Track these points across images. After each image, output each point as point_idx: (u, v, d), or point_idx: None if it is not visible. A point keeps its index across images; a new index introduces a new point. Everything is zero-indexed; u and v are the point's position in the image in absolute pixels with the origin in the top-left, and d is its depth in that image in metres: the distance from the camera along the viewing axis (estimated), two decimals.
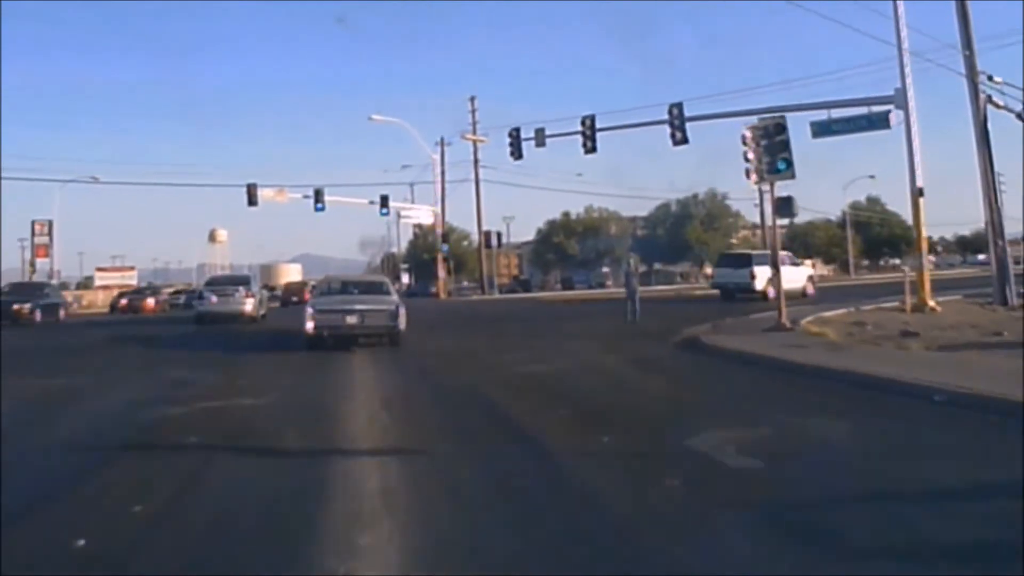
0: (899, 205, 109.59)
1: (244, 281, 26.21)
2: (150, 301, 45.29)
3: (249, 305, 24.15)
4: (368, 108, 50.69)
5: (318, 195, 44.84)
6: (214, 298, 24.28)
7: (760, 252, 29.53)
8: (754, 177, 16.55)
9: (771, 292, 22.99)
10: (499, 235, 50.99)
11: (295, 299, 38.89)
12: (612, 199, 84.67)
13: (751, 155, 16.45)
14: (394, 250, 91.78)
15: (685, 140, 24.88)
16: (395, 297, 16.29)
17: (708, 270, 74.22)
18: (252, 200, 42.65)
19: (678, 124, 24.88)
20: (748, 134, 16.55)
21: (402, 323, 15.14)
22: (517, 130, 29.52)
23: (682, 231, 66.89)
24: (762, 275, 26.65)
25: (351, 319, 14.93)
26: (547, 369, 10.78)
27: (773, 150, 16.20)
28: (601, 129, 27.17)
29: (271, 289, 45.98)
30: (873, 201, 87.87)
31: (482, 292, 53.05)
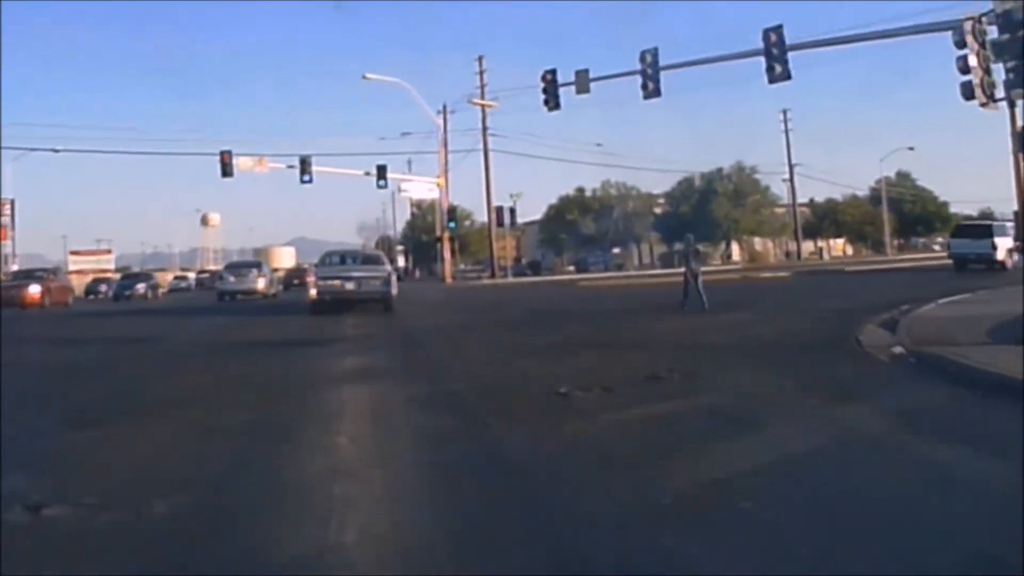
0: (930, 180, 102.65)
1: (257, 265, 32.29)
2: (33, 290, 29.49)
3: (261, 283, 28.83)
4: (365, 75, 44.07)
5: (304, 165, 38.63)
6: (232, 279, 28.92)
7: (999, 222, 31.56)
8: (980, 96, 10.57)
9: (1010, 263, 26.44)
10: (512, 211, 44.79)
11: (296, 282, 40.70)
12: (626, 174, 77.33)
13: (976, 61, 10.47)
14: (390, 232, 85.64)
15: (787, 75, 18.76)
16: (388, 267, 18.46)
17: (735, 250, 68.31)
18: (226, 170, 36.48)
19: (777, 55, 18.74)
20: (969, 30, 10.55)
21: (394, 290, 17.37)
22: (553, 72, 23.25)
23: (708, 208, 60.75)
24: (1003, 246, 28.13)
25: (349, 285, 16.79)
26: (767, 460, 4.75)
27: (1015, 50, 10.21)
28: (666, 67, 21.01)
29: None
30: (903, 176, 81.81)
31: (492, 276, 47.01)
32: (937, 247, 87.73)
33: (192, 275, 63.90)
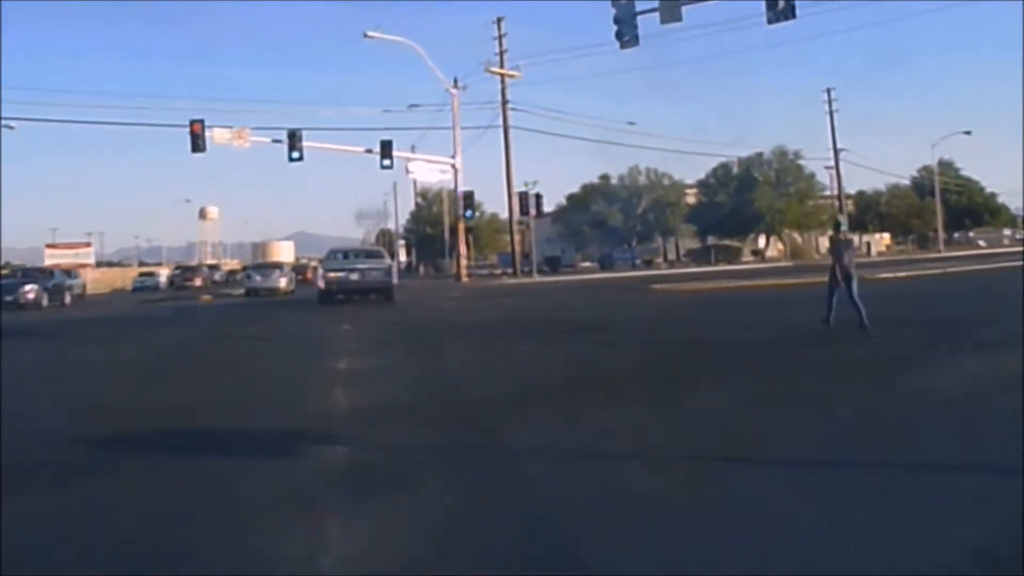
0: (974, 170, 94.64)
1: (279, 266, 37.31)
2: None
3: (283, 282, 33.03)
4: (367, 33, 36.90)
5: (293, 140, 32.10)
6: (259, 278, 33.61)
7: None
8: None
9: None
10: (538, 197, 38.25)
11: (299, 278, 42.69)
12: (654, 159, 68.68)
13: None
14: (391, 225, 78.93)
15: None
16: (389, 260, 21.97)
17: (779, 246, 61.75)
18: (197, 145, 29.95)
19: None
20: None
21: (395, 280, 20.66)
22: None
23: (748, 197, 54.14)
24: None
25: (354, 276, 19.46)
26: None
27: None
28: None
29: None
30: (946, 166, 75.23)
31: (514, 274, 40.52)
32: (983, 243, 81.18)
33: (165, 271, 55.52)
